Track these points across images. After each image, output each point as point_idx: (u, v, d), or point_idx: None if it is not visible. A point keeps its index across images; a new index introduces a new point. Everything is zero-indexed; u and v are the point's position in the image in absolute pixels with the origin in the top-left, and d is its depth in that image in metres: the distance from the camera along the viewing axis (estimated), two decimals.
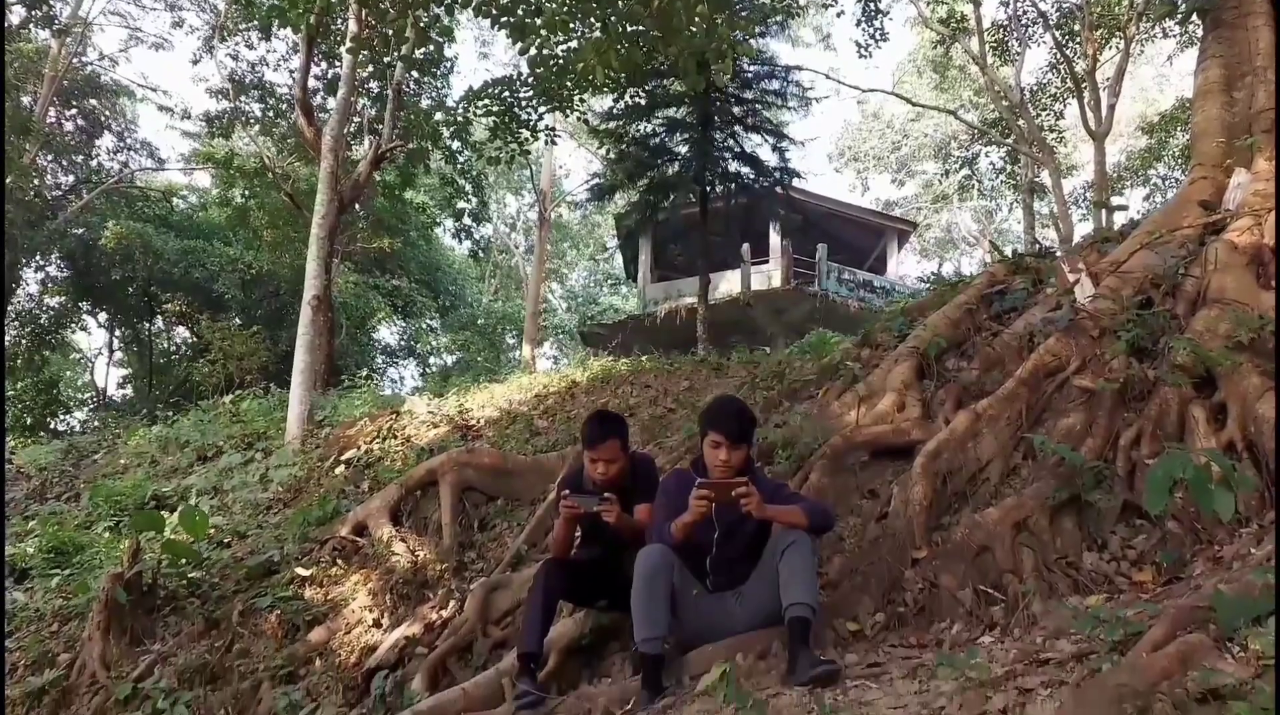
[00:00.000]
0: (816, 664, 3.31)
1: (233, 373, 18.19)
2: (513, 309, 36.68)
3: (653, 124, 18.13)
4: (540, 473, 6.87)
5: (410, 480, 6.71)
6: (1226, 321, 4.58)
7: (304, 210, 17.31)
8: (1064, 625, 3.29)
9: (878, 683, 3.20)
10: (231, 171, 21.72)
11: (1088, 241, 7.24)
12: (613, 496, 4.10)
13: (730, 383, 8.79)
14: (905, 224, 28.56)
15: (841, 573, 4.40)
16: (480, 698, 4.09)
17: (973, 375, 5.45)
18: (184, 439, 11.49)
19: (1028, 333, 5.50)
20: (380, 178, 19.41)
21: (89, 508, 9.21)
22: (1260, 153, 5.72)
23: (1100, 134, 21.69)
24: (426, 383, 24.97)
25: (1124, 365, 4.72)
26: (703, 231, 17.92)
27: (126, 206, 24.53)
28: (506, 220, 41.34)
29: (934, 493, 4.48)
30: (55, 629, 6.30)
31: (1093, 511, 4.15)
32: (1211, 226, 5.57)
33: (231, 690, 5.20)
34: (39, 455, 12.65)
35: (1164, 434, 4.33)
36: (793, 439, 5.58)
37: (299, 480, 8.77)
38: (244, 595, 6.08)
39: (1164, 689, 2.18)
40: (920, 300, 7.91)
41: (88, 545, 7.87)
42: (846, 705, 2.88)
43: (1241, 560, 3.42)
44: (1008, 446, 4.71)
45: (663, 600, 3.68)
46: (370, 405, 11.37)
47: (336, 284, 19.10)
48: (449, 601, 5.52)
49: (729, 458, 3.88)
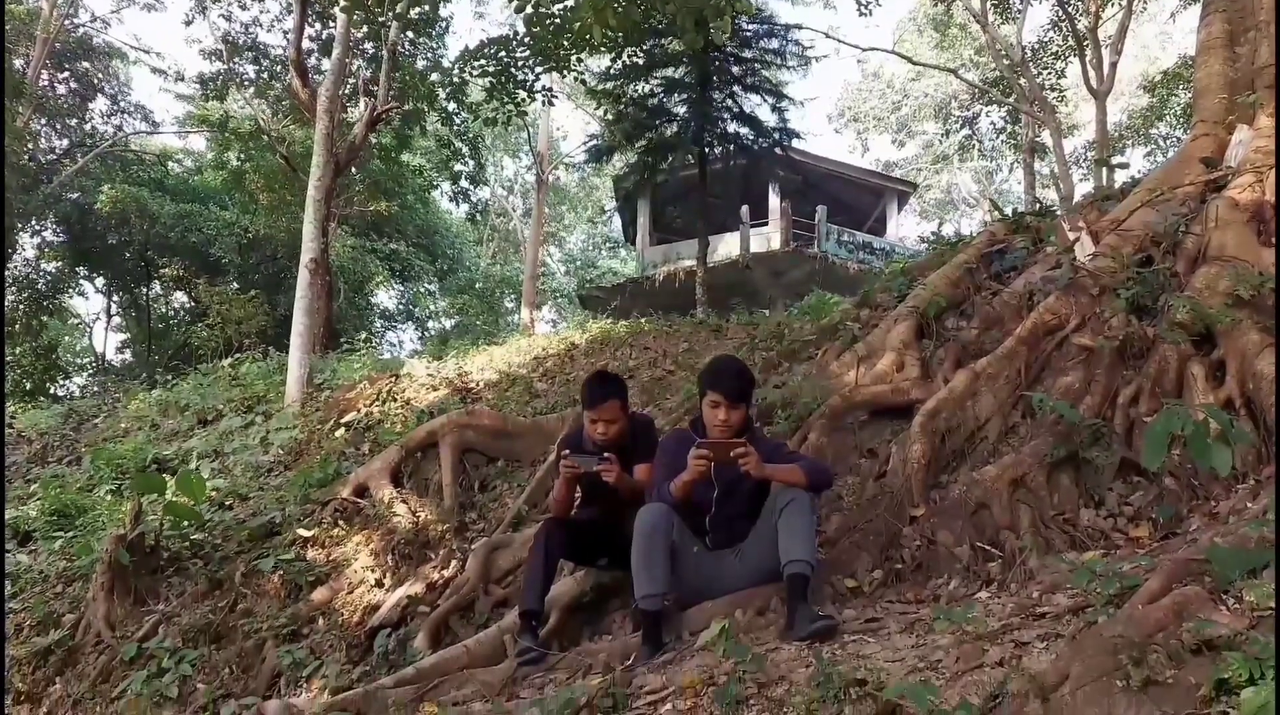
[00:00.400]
0: (815, 619, 3.34)
1: (231, 337, 18.18)
2: (511, 272, 36.60)
3: (651, 84, 17.98)
4: (540, 434, 6.89)
5: (411, 442, 6.73)
6: (1226, 279, 4.57)
7: (300, 173, 17.22)
8: (1060, 580, 3.32)
9: (875, 637, 3.23)
10: (226, 134, 21.57)
11: (1088, 200, 7.21)
12: (612, 456, 4.11)
13: (729, 344, 8.79)
14: (905, 185, 28.42)
15: (840, 531, 4.43)
16: (482, 655, 4.13)
17: (972, 334, 5.45)
18: (184, 403, 11.51)
19: (1027, 291, 5.49)
20: (376, 140, 19.28)
21: (90, 471, 9.24)
22: (1262, 109, 5.68)
23: (1102, 92, 21.52)
24: (425, 346, 24.97)
25: (1123, 323, 4.72)
26: (701, 193, 17.83)
27: (121, 170, 24.37)
28: (504, 183, 41.14)
29: (932, 451, 4.50)
30: (59, 590, 6.35)
31: (1090, 468, 4.17)
32: (1213, 184, 5.54)
33: (236, 649, 5.26)
34: (39, 419, 12.67)
35: (1162, 391, 4.34)
36: (792, 399, 5.59)
37: (299, 443, 8.79)
38: (246, 556, 6.12)
39: (1159, 640, 2.20)
40: (920, 260, 7.89)
41: (90, 508, 7.90)
42: (844, 659, 2.91)
43: (1237, 515, 3.44)
44: (1006, 405, 4.72)
45: (662, 558, 3.71)
46: (369, 368, 11.38)
47: (334, 248, 19.02)
48: (450, 561, 5.56)
49: (728, 417, 3.89)
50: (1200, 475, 3.95)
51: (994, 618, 3.06)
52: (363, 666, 4.76)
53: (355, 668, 4.78)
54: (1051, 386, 4.67)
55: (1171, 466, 4.00)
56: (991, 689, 2.36)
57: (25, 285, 23.74)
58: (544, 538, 4.19)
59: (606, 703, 2.93)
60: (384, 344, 29.85)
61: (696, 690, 2.91)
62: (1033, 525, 3.98)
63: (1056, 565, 3.55)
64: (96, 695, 5.14)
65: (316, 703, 3.86)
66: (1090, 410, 4.39)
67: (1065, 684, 2.16)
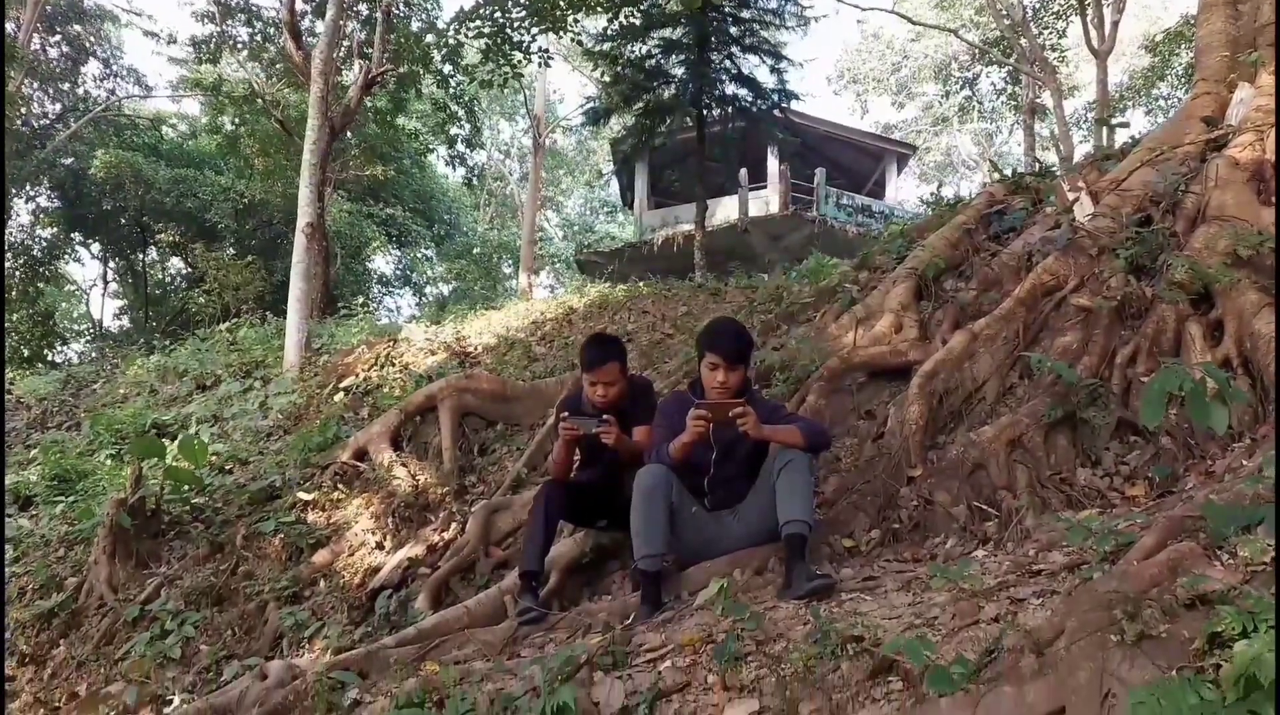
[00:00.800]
0: (812, 578, 3.36)
1: (229, 303, 18.15)
2: (508, 237, 36.46)
3: (648, 45, 17.79)
4: (539, 398, 6.90)
5: (410, 406, 6.74)
6: (1225, 238, 4.56)
7: (295, 137, 17.10)
8: (1056, 538, 3.34)
9: (872, 595, 3.26)
10: (220, 98, 21.38)
11: (1088, 160, 7.17)
12: (611, 418, 4.12)
13: (728, 307, 8.78)
14: (904, 148, 28.25)
15: (838, 492, 4.45)
16: (483, 615, 4.17)
17: (970, 295, 5.44)
18: (182, 368, 11.51)
19: (1026, 252, 5.48)
20: (371, 103, 19.13)
21: (90, 436, 9.26)
22: (1264, 67, 5.62)
23: (1103, 52, 21.33)
24: (423, 312, 24.94)
25: (1122, 283, 4.71)
26: (700, 157, 17.72)
27: (115, 135, 24.19)
28: (500, 147, 40.86)
29: (930, 412, 4.51)
30: (61, 554, 6.39)
31: (1087, 428, 4.18)
32: (1213, 143, 5.51)
33: (238, 611, 5.30)
34: (38, 385, 12.68)
35: (1160, 351, 4.34)
36: (790, 361, 5.60)
37: (298, 407, 8.81)
38: (247, 520, 6.15)
39: (1153, 595, 2.22)
40: (919, 222, 7.86)
41: (90, 473, 7.93)
42: (841, 616, 2.94)
43: (1233, 473, 3.46)
44: (1004, 366, 4.72)
45: (661, 519, 3.73)
46: (367, 333, 11.37)
47: (330, 213, 18.94)
48: (450, 524, 5.59)
49: (726, 379, 3.89)
50: (1197, 434, 3.96)
51: (990, 575, 3.08)
52: (364, 627, 4.80)
53: (357, 629, 4.82)
54: (1049, 347, 4.67)
55: (1168, 426, 4.01)
56: (987, 644, 2.39)
57: (21, 252, 23.65)
58: (543, 499, 4.21)
59: (606, 660, 2.95)
60: (381, 309, 29.83)
61: (695, 647, 2.94)
62: (1029, 485, 4.00)
63: (1053, 524, 3.57)
64: (100, 657, 5.19)
65: (319, 663, 3.90)
66: (1088, 370, 4.40)
67: (1060, 639, 2.18)
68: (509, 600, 4.24)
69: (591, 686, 2.75)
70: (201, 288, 19.78)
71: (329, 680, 3.37)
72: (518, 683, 2.90)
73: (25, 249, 23.89)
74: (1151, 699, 1.83)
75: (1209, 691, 1.81)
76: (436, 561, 5.22)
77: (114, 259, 26.93)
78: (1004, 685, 2.14)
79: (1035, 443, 4.14)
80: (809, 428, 3.90)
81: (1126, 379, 4.35)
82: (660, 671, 2.81)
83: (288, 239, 18.11)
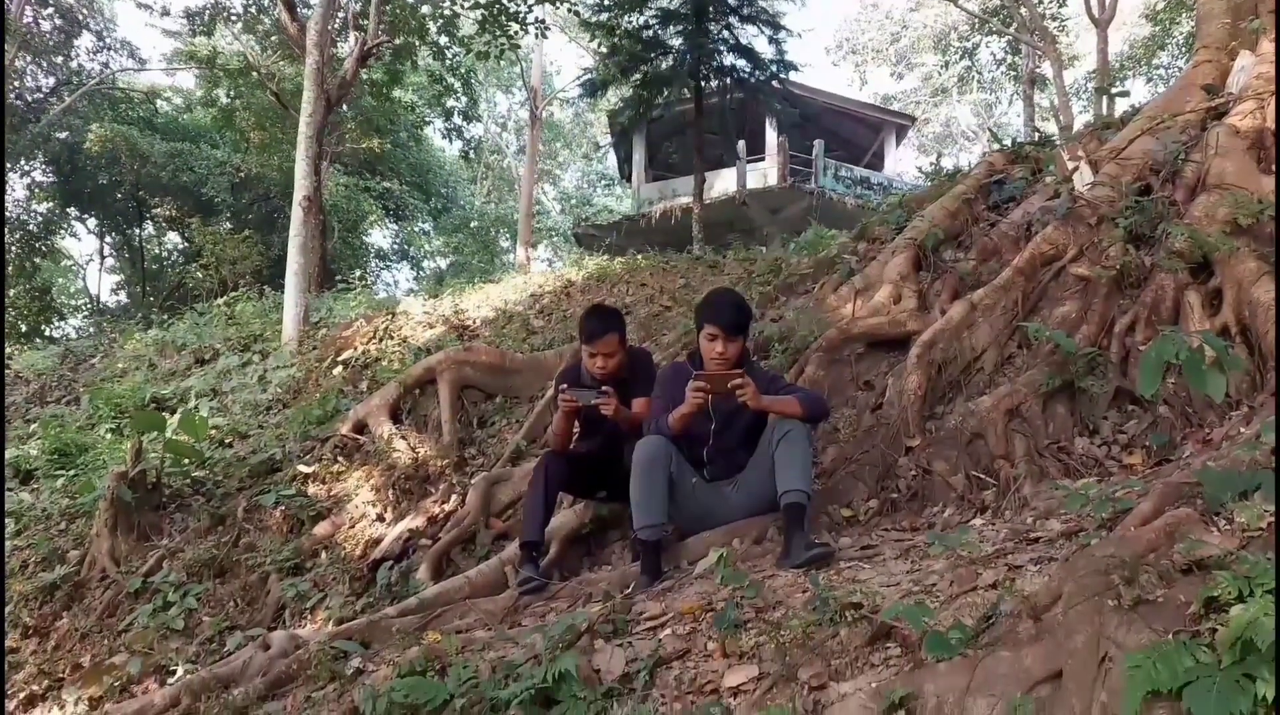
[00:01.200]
0: (811, 546, 3.38)
1: (226, 277, 18.11)
2: (506, 211, 36.32)
3: (645, 15, 17.63)
4: (538, 370, 6.90)
5: (409, 379, 6.74)
6: (1225, 206, 4.55)
7: (291, 110, 16.99)
8: (1054, 506, 3.36)
9: (871, 563, 3.28)
10: (215, 71, 21.23)
11: (1088, 129, 7.13)
12: (610, 390, 4.13)
13: (726, 279, 8.76)
14: (903, 119, 28.10)
15: (836, 462, 4.47)
16: (484, 585, 4.19)
17: (970, 266, 5.43)
18: (180, 342, 11.50)
19: (1025, 222, 5.46)
20: (367, 76, 18.99)
21: (89, 410, 9.26)
22: (1265, 34, 5.59)
23: (1104, 21, 21.18)
24: (421, 286, 24.87)
25: (1121, 252, 4.70)
26: (697, 128, 17.62)
27: (110, 109, 24.02)
28: (497, 120, 40.63)
29: (928, 382, 4.51)
30: (63, 527, 6.41)
31: (1085, 397, 4.20)
32: (1214, 111, 5.48)
33: (240, 582, 5.33)
34: (36, 360, 12.67)
35: (1159, 320, 4.34)
36: (789, 333, 5.60)
37: (297, 381, 8.81)
38: (248, 492, 6.17)
39: (1150, 560, 2.23)
40: (918, 192, 7.83)
41: (90, 447, 7.94)
42: (840, 584, 2.96)
43: (1231, 441, 3.47)
44: (1003, 335, 4.73)
45: (661, 489, 3.74)
46: (366, 307, 11.35)
47: (327, 187, 18.85)
48: (450, 496, 5.61)
49: (725, 350, 3.89)
50: (1195, 403, 3.97)
51: (988, 543, 3.10)
52: (366, 598, 4.83)
53: (359, 599, 4.85)
54: (1048, 316, 4.67)
55: (1166, 395, 4.02)
56: (985, 610, 2.40)
57: (17, 226, 23.56)
58: (543, 470, 4.22)
59: (607, 628, 2.98)
60: (379, 283, 29.77)
61: (695, 615, 2.96)
62: (1027, 454, 4.01)
63: (1050, 492, 3.59)
64: (103, 628, 5.22)
65: (321, 633, 3.92)
66: (1086, 339, 4.41)
67: (1057, 604, 2.20)
68: (510, 571, 4.26)
69: (592, 654, 2.77)
70: (198, 262, 19.72)
71: (331, 650, 3.40)
72: (519, 651, 2.93)
73: (21, 224, 23.80)
74: (1148, 662, 1.84)
75: (1205, 655, 1.83)
76: (437, 533, 5.24)
77: (110, 234, 26.83)
78: (1001, 650, 2.16)
79: (1033, 412, 4.15)
80: (807, 398, 3.91)
81: (1125, 348, 4.36)
82: (660, 639, 2.83)
83: (284, 213, 18.05)
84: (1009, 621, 2.25)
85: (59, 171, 23.24)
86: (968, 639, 2.25)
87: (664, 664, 2.67)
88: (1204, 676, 1.78)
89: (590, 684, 2.59)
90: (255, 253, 19.01)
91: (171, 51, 26.43)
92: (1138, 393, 4.02)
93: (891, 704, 2.13)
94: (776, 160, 22.58)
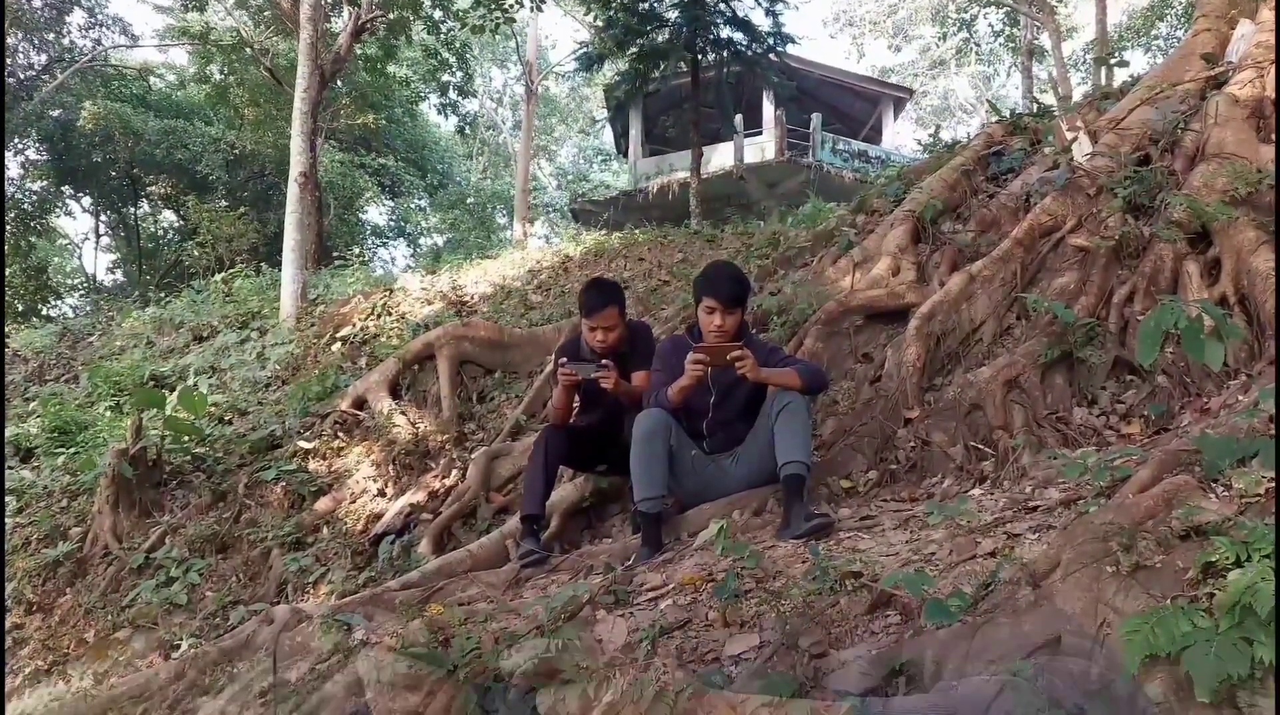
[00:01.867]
0: (810, 517, 3.40)
1: (222, 255, 18.02)
2: (502, 187, 36.12)
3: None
4: (537, 345, 6.90)
5: (408, 354, 6.74)
6: (1224, 176, 4.54)
7: (285, 86, 16.87)
8: (1052, 475, 3.37)
9: (870, 534, 3.29)
10: (208, 47, 21.04)
11: (1087, 99, 7.10)
12: (610, 363, 4.13)
13: (724, 253, 8.74)
14: (901, 91, 27.92)
15: (835, 434, 4.48)
16: (486, 558, 4.22)
17: (968, 237, 5.42)
18: (178, 320, 11.47)
19: (1024, 193, 5.45)
20: (361, 50, 18.84)
21: (89, 388, 9.25)
22: (1265, 3, 5.56)
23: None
24: (418, 262, 24.80)
25: (1120, 223, 4.70)
26: (695, 103, 17.52)
27: (103, 86, 23.83)
28: (493, 95, 40.33)
29: (927, 354, 4.52)
30: (65, 504, 6.42)
31: (1084, 368, 4.20)
32: (1213, 80, 5.46)
33: (242, 557, 5.35)
34: (34, 338, 12.64)
35: (1158, 289, 4.34)
36: (787, 306, 5.59)
37: (296, 357, 8.80)
38: (248, 468, 6.18)
39: (1149, 527, 2.25)
40: (917, 164, 7.80)
41: (90, 424, 7.94)
42: (840, 554, 2.98)
43: (1229, 409, 3.48)
44: (1001, 307, 4.73)
45: (661, 462, 3.75)
46: (363, 283, 11.33)
47: (322, 163, 18.74)
48: (451, 470, 5.62)
49: (723, 322, 3.89)
50: (1193, 372, 3.98)
51: (987, 512, 3.12)
52: (368, 572, 4.85)
53: (360, 573, 4.87)
54: (1047, 287, 4.67)
55: (1165, 364, 4.03)
56: (984, 578, 2.42)
57: (11, 205, 23.42)
58: (543, 445, 4.23)
59: (609, 599, 3.00)
60: (376, 261, 29.66)
61: (696, 586, 2.98)
62: (1026, 425, 4.03)
63: (1049, 461, 3.60)
64: (107, 605, 5.24)
65: (324, 606, 3.94)
66: (1085, 310, 4.41)
67: (1056, 571, 2.22)
68: (510, 544, 4.28)
69: (594, 625, 2.79)
70: (194, 241, 19.60)
71: (335, 622, 3.42)
72: (522, 622, 2.95)
73: (16, 203, 23.66)
74: (1146, 627, 1.86)
75: (1203, 620, 1.85)
76: (438, 508, 5.26)
77: (105, 213, 26.71)
78: (1001, 616, 2.18)
79: (1031, 383, 4.16)
80: (807, 369, 3.91)
81: (1123, 318, 4.36)
82: (662, 609, 2.85)
83: (280, 191, 17.97)
84: (1008, 589, 2.27)
85: (53, 149, 23.09)
86: (967, 606, 2.26)
87: (667, 633, 2.69)
88: (1202, 640, 1.80)
89: (592, 654, 2.61)
90: (251, 230, 18.90)
91: (164, 28, 26.18)
92: (1136, 362, 4.03)
93: (892, 670, 2.15)
94: (774, 134, 22.45)
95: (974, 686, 1.97)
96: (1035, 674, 1.95)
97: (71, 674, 4.54)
